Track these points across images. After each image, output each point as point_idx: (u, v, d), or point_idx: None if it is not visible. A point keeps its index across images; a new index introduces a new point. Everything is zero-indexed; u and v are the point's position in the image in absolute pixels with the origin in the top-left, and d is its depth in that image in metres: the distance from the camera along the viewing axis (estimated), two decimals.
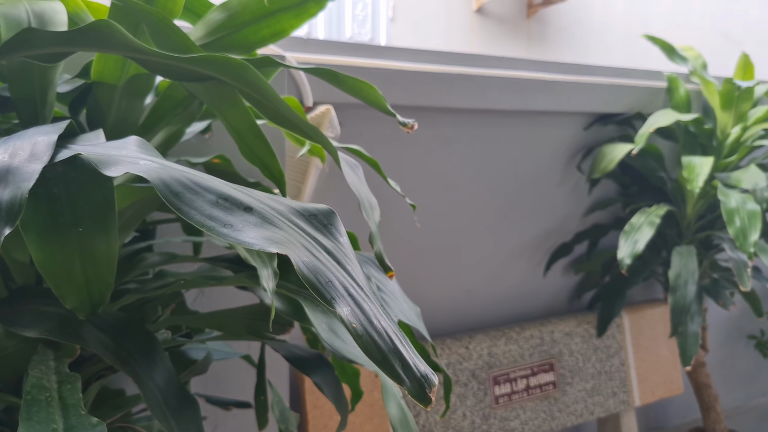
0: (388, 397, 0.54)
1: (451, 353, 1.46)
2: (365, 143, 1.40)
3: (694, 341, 1.51)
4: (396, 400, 0.55)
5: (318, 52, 1.33)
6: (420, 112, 1.46)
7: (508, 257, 1.67)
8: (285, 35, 0.68)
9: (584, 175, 1.75)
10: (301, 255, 0.31)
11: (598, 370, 1.66)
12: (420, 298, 1.55)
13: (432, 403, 0.35)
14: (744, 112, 1.64)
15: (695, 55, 1.84)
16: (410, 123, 0.51)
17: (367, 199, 0.56)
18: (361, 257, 0.66)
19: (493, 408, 1.49)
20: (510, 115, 1.59)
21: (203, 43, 0.66)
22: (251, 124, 0.58)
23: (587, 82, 1.64)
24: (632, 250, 1.42)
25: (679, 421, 2.13)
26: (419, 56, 1.41)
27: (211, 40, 0.66)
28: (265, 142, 0.59)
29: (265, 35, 0.68)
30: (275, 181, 0.62)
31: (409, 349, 0.34)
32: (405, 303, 0.66)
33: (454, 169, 1.55)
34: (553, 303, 1.78)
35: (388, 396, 0.54)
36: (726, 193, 1.43)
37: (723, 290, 1.72)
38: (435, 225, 1.55)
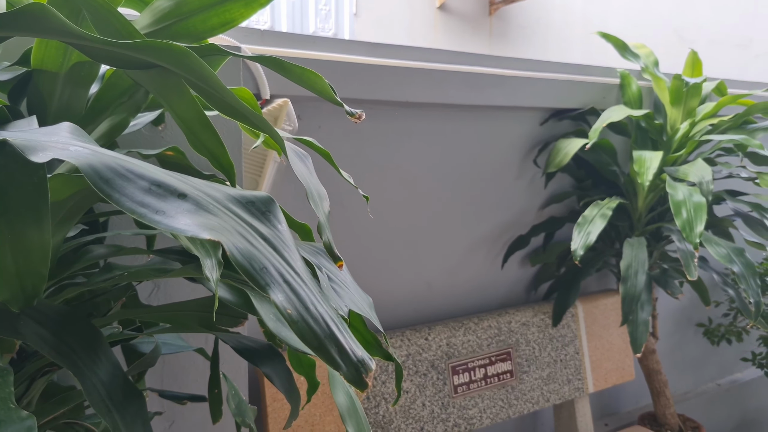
0: (335, 386, 0.54)
1: (410, 344, 1.48)
2: (324, 137, 1.40)
3: (644, 329, 1.57)
4: (344, 388, 0.55)
5: (276, 45, 1.32)
6: (379, 106, 1.47)
7: (466, 250, 1.70)
8: (235, 24, 0.67)
9: (540, 170, 1.79)
10: (235, 241, 0.31)
11: (553, 358, 1.71)
12: (381, 291, 1.57)
13: (368, 387, 0.35)
14: (692, 108, 1.70)
15: (647, 52, 1.90)
16: (357, 113, 0.51)
17: (316, 190, 0.56)
18: (312, 247, 0.66)
19: (452, 397, 1.51)
20: (468, 110, 1.61)
21: (149, 32, 0.65)
22: (198, 113, 0.57)
23: (543, 78, 1.68)
24: (585, 241, 1.46)
25: (632, 406, 2.20)
26: (377, 50, 1.41)
27: (158, 29, 0.65)
28: (213, 133, 0.59)
29: (214, 24, 0.67)
30: (225, 172, 0.62)
31: (346, 335, 0.35)
32: (357, 293, 0.67)
33: (413, 163, 1.56)
34: (511, 294, 1.82)
35: (336, 384, 0.55)
36: (674, 186, 1.48)
37: (672, 280, 1.78)
38: (395, 219, 1.56)
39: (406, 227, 1.58)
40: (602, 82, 1.80)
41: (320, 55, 1.29)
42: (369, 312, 0.67)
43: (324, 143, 1.41)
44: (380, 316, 1.58)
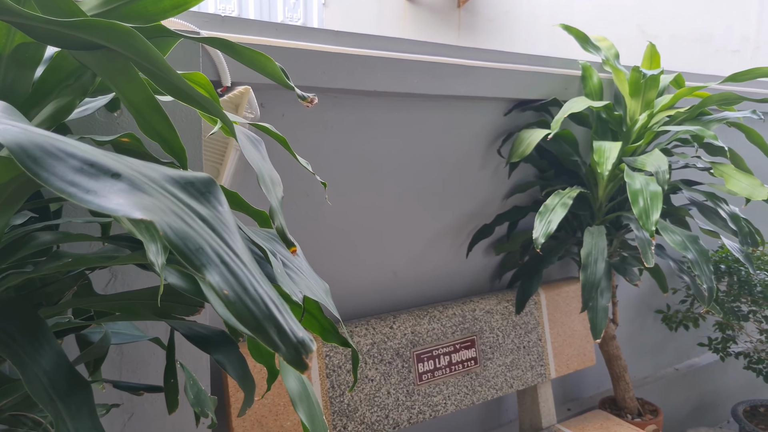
0: (285, 371, 0.54)
1: (375, 333, 1.49)
2: (287, 125, 1.39)
3: (604, 316, 1.61)
4: (295, 373, 0.55)
5: (238, 32, 1.30)
6: (343, 95, 1.46)
7: (432, 239, 1.71)
8: (187, 6, 0.66)
9: (504, 159, 1.81)
10: (170, 221, 0.30)
11: (516, 345, 1.74)
12: (347, 280, 1.57)
13: (308, 368, 0.35)
14: (651, 99, 1.74)
15: (608, 45, 1.93)
16: (309, 97, 0.51)
17: (269, 175, 0.56)
18: (268, 234, 0.65)
19: (416, 385, 1.53)
20: (432, 100, 1.62)
21: (98, 13, 0.63)
22: (148, 97, 0.56)
23: (506, 68, 1.69)
24: (546, 230, 1.48)
25: (593, 391, 2.26)
26: (340, 39, 1.41)
27: (107, 10, 0.64)
28: (163, 117, 0.58)
29: (166, 6, 0.66)
30: (176, 156, 0.61)
31: (286, 316, 0.35)
32: (313, 279, 0.67)
33: (378, 152, 1.56)
34: (476, 282, 1.84)
35: (286, 369, 0.54)
36: (632, 175, 1.52)
37: (631, 267, 1.83)
38: (360, 208, 1.56)
39: (372, 216, 1.58)
40: (564, 74, 1.83)
41: (283, 42, 1.28)
42: (325, 298, 0.67)
43: (287, 132, 1.40)
44: (346, 305, 1.58)
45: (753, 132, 1.73)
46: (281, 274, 0.59)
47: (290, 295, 0.57)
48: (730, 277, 2.17)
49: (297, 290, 0.61)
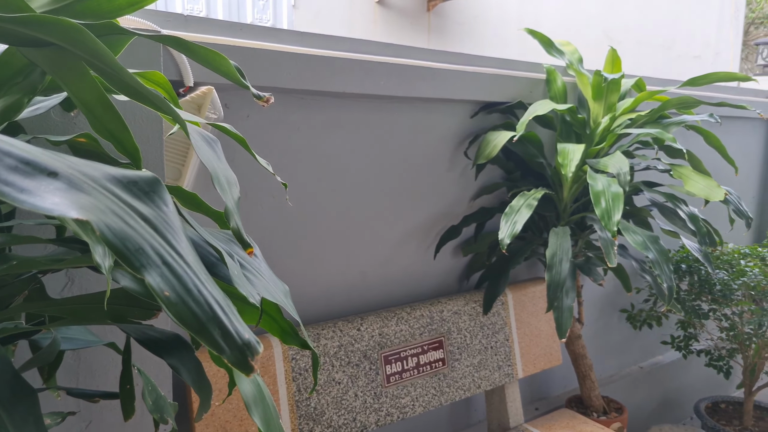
0: (239, 374, 0.53)
1: (343, 335, 1.48)
2: (252, 126, 1.38)
3: (569, 315, 1.63)
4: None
5: (201, 32, 1.29)
6: (309, 96, 1.46)
7: (400, 240, 1.72)
8: (143, 5, 0.65)
9: (471, 161, 1.83)
10: (108, 221, 0.30)
11: (484, 345, 1.75)
12: (314, 282, 1.56)
13: (255, 370, 0.35)
14: (613, 102, 1.78)
15: (572, 49, 1.97)
16: (265, 96, 0.51)
17: (224, 175, 0.55)
18: (226, 235, 0.65)
19: (384, 387, 1.53)
20: (399, 101, 1.63)
21: (49, 10, 0.62)
22: (99, 95, 0.55)
23: (473, 71, 1.71)
24: (512, 230, 1.50)
25: (560, 390, 2.29)
26: (306, 40, 1.40)
27: (59, 7, 0.62)
28: (115, 115, 0.56)
29: (121, 4, 0.65)
30: (130, 156, 0.59)
31: (232, 318, 0.34)
32: (272, 281, 0.66)
33: (345, 153, 1.56)
34: (443, 283, 1.85)
35: (240, 372, 0.53)
36: (594, 177, 1.55)
37: (595, 267, 1.86)
38: (327, 210, 1.55)
39: (340, 218, 1.58)
40: (529, 77, 1.86)
41: (247, 42, 1.27)
42: (284, 300, 0.66)
43: (252, 133, 1.39)
44: (313, 306, 1.57)
45: (711, 135, 1.78)
46: (238, 275, 0.59)
47: (247, 297, 0.56)
48: (691, 276, 2.23)
49: (254, 292, 0.60)
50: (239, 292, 0.56)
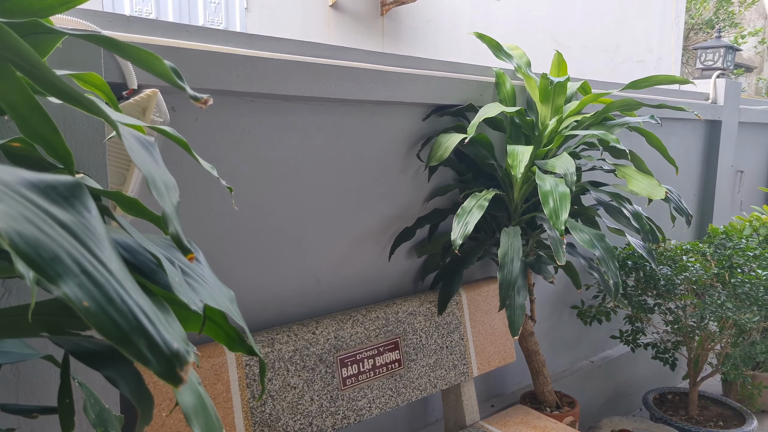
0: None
1: (298, 339, 1.47)
2: (201, 130, 1.35)
3: (521, 313, 1.67)
4: (192, 387, 0.53)
5: (145, 33, 1.26)
6: (259, 99, 1.44)
7: (354, 243, 1.72)
8: (75, 4, 0.63)
9: (424, 163, 1.85)
10: (20, 228, 0.29)
11: (439, 345, 1.77)
12: (268, 286, 1.54)
13: (183, 381, 0.34)
14: (560, 105, 1.83)
15: (520, 53, 2.01)
16: (203, 98, 0.50)
17: (162, 179, 0.54)
18: (167, 241, 0.63)
19: (340, 390, 1.52)
20: (351, 104, 1.63)
21: None
22: (27, 97, 0.53)
23: (423, 74, 1.73)
24: (464, 231, 1.52)
25: (515, 386, 2.34)
26: (255, 42, 1.39)
27: None
28: (45, 118, 0.54)
29: (52, 3, 0.63)
30: (62, 160, 0.57)
31: (160, 327, 0.33)
32: (216, 287, 0.65)
33: (297, 156, 1.55)
34: (399, 285, 1.86)
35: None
36: (542, 177, 1.59)
37: (545, 265, 1.91)
38: (281, 213, 1.54)
39: (293, 222, 1.57)
40: (479, 80, 1.89)
41: (193, 44, 1.25)
42: (229, 306, 0.65)
43: (201, 136, 1.37)
44: (267, 311, 1.55)
45: (652, 136, 1.85)
46: (179, 282, 0.57)
47: (188, 304, 0.55)
48: (637, 272, 2.31)
49: (197, 299, 0.59)
50: (180, 299, 0.54)
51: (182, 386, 0.34)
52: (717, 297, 2.10)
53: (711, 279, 2.19)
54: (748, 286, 2.06)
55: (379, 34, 4.93)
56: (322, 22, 4.72)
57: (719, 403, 2.53)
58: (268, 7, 4.61)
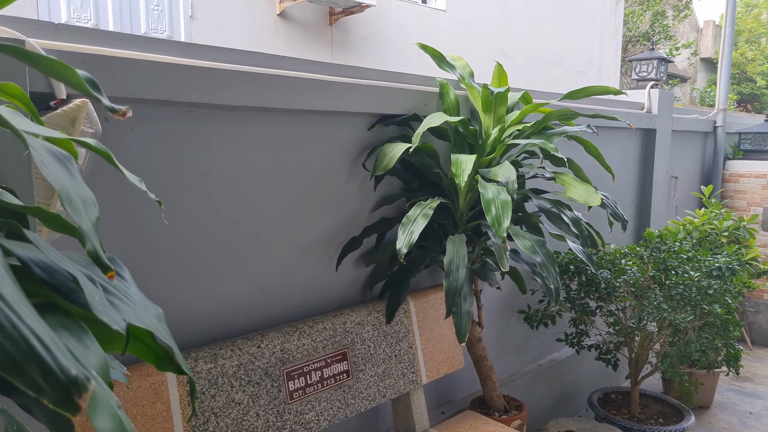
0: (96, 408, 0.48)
1: (242, 354, 1.44)
2: (138, 141, 1.31)
3: (467, 320, 1.69)
4: (110, 410, 0.50)
5: (75, 41, 1.21)
6: (199, 109, 1.41)
7: (300, 254, 1.70)
8: None
9: (370, 173, 1.85)
10: None
11: (388, 354, 1.77)
12: (211, 300, 1.51)
13: (81, 410, 0.33)
14: (502, 114, 1.87)
15: (463, 64, 2.05)
16: (121, 110, 0.48)
17: (78, 195, 0.52)
18: (87, 258, 0.61)
19: (287, 404, 1.50)
20: (294, 114, 1.62)
21: None
22: None
23: (368, 84, 1.74)
24: (409, 240, 1.53)
25: (465, 392, 2.36)
26: (192, 51, 1.36)
27: None
28: None
29: None
30: None
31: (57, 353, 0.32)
32: (143, 305, 0.63)
33: (240, 167, 1.52)
34: (347, 295, 1.85)
35: (97, 405, 0.48)
36: (485, 185, 1.62)
37: (491, 272, 1.94)
38: (224, 225, 1.51)
39: (236, 234, 1.54)
40: (424, 90, 1.92)
41: (126, 53, 1.21)
42: (156, 325, 0.63)
43: (138, 148, 1.33)
44: (211, 326, 1.52)
45: (589, 144, 1.92)
46: (99, 301, 0.55)
47: (109, 323, 0.53)
48: (579, 276, 2.38)
49: (119, 318, 0.57)
50: (100, 319, 0.52)
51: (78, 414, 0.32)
52: (654, 298, 2.19)
53: (648, 281, 2.28)
54: (681, 287, 2.16)
55: (329, 44, 4.93)
56: (270, 31, 4.68)
57: (659, 401, 2.63)
58: (214, 16, 4.54)
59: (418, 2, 5.42)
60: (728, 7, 4.10)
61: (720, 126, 4.07)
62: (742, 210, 4.03)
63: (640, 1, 10.49)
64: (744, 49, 12.96)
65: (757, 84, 12.89)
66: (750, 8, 14.38)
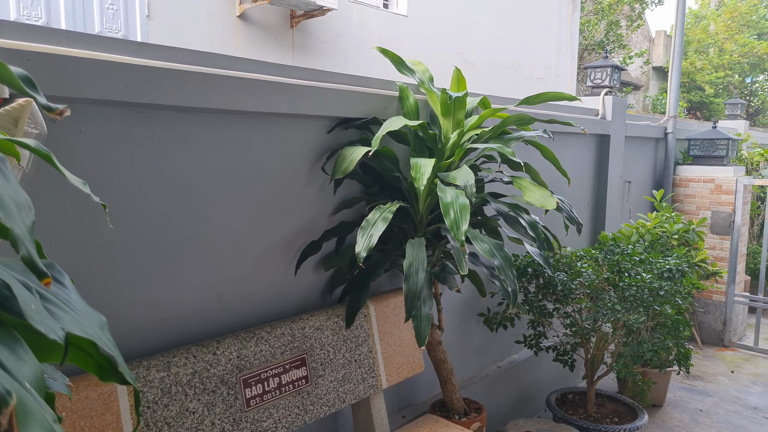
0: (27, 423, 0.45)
1: (197, 361, 1.40)
2: (87, 142, 1.27)
3: (427, 323, 1.69)
4: (44, 425, 0.47)
5: (19, 38, 1.16)
6: (151, 110, 1.37)
7: (259, 258, 1.67)
8: None
9: (329, 176, 1.84)
10: None
11: (348, 359, 1.76)
12: (165, 306, 1.46)
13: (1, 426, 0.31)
14: (460, 119, 1.89)
15: (423, 68, 2.07)
16: (57, 108, 0.46)
17: (11, 198, 0.49)
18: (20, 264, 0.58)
19: (244, 411, 1.47)
20: (251, 117, 1.59)
21: None
22: None
23: (326, 87, 1.73)
24: (368, 243, 1.53)
25: (426, 396, 2.37)
26: (144, 51, 1.33)
27: None
28: None
29: None
30: None
31: None
32: (85, 313, 0.60)
33: (195, 169, 1.49)
34: (306, 300, 1.83)
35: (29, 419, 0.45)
36: (444, 189, 1.63)
37: (450, 275, 1.95)
38: (178, 229, 1.47)
39: (193, 238, 1.50)
40: (384, 94, 1.92)
41: (73, 51, 1.17)
42: (98, 333, 0.61)
43: (87, 149, 1.28)
44: (165, 333, 1.47)
45: (545, 149, 1.96)
46: (36, 310, 0.53)
47: (46, 333, 0.51)
48: (537, 279, 2.42)
49: (57, 327, 0.54)
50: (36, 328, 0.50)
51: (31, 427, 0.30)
52: (608, 300, 2.24)
53: (603, 283, 2.34)
54: (634, 288, 2.22)
55: (290, 47, 4.89)
56: (230, 33, 4.61)
57: (615, 400, 2.70)
58: (171, 16, 4.45)
59: (379, 7, 5.44)
60: (677, 18, 4.26)
61: (671, 132, 4.22)
62: (691, 213, 4.18)
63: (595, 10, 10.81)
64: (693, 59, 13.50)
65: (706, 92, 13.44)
66: (699, 20, 14.99)
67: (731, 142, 4.17)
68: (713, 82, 13.48)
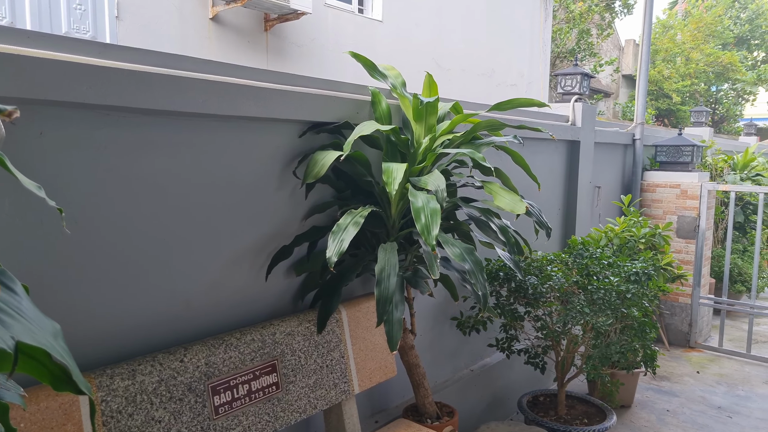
0: None
1: (163, 369, 1.37)
2: (48, 145, 1.24)
3: (399, 327, 1.69)
4: None
5: None
6: (116, 112, 1.35)
7: (228, 264, 1.65)
8: None
9: (301, 181, 1.83)
10: None
11: (319, 365, 1.74)
12: (130, 313, 1.43)
13: None
14: (432, 124, 1.90)
15: (395, 74, 2.07)
16: (6, 110, 0.45)
17: None
18: None
19: (212, 419, 1.44)
20: (220, 120, 1.57)
21: None
22: None
23: (298, 91, 1.72)
24: (339, 248, 1.52)
25: (399, 400, 2.36)
26: (110, 52, 1.30)
27: None
28: None
29: None
30: None
31: None
32: (38, 321, 0.58)
33: (163, 173, 1.46)
34: (278, 305, 1.82)
35: None
36: (415, 194, 1.63)
37: (422, 279, 1.96)
38: (145, 234, 1.44)
39: (159, 244, 1.47)
40: (356, 99, 1.92)
41: (31, 51, 1.14)
42: (51, 342, 0.59)
43: (48, 152, 1.25)
44: (130, 341, 1.44)
45: (516, 154, 1.98)
46: None
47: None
48: (509, 282, 2.44)
49: (7, 336, 0.53)
50: None
51: None
52: (578, 303, 2.27)
53: (572, 287, 2.37)
54: (602, 291, 2.26)
55: (264, 50, 4.86)
56: (202, 35, 4.56)
57: (584, 402, 2.74)
58: (142, 18, 4.38)
59: (354, 12, 5.45)
60: (644, 28, 4.36)
61: (638, 139, 4.31)
62: (658, 218, 4.28)
63: (567, 19, 11.00)
64: (661, 68, 13.84)
65: (673, 100, 13.78)
66: (666, 29, 15.38)
67: (696, 149, 4.28)
68: (680, 91, 13.83)
